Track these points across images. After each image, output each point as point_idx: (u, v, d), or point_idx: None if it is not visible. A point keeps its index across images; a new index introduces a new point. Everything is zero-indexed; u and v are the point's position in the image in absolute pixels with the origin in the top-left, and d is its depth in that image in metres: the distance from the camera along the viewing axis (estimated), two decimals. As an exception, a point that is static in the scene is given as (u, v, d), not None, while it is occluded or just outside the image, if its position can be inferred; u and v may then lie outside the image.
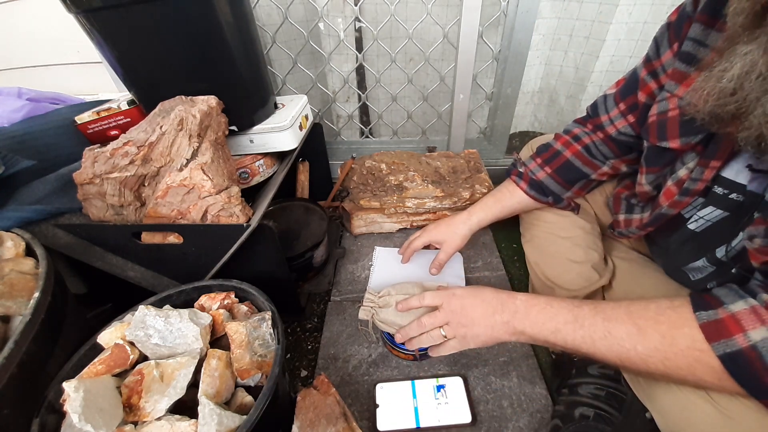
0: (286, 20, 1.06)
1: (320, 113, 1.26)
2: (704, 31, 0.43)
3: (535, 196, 0.71)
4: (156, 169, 0.63)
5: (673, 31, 0.49)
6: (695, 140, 0.46)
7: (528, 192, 0.71)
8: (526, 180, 0.72)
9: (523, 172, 0.73)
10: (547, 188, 0.70)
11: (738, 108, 0.34)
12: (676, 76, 0.47)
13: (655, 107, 0.51)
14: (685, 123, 0.46)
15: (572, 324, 0.45)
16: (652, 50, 0.53)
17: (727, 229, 0.46)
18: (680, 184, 0.49)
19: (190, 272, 0.67)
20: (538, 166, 0.71)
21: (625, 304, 0.43)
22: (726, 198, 0.45)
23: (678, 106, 0.47)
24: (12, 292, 0.48)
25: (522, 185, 0.72)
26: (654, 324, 0.39)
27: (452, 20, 1.03)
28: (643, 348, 0.39)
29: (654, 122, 0.50)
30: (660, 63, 0.52)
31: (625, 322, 0.41)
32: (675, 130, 0.47)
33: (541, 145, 0.74)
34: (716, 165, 0.44)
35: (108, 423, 0.43)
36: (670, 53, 0.50)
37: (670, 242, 0.57)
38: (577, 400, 0.61)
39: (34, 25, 1.13)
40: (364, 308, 0.72)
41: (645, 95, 0.55)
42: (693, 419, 0.43)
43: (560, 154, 0.69)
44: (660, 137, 0.50)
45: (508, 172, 0.76)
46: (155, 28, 0.60)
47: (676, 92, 0.47)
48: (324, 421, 0.57)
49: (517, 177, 0.73)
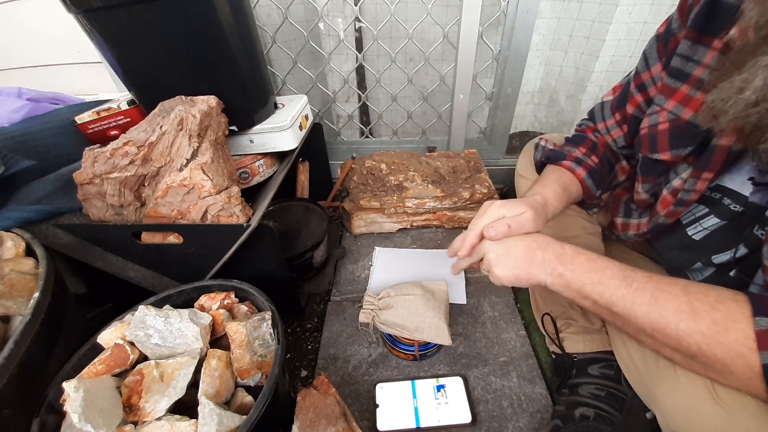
0: (286, 20, 1.06)
1: (320, 113, 1.26)
2: (692, 47, 0.44)
3: (590, 186, 0.62)
4: (156, 169, 0.63)
5: (661, 44, 0.51)
6: (685, 152, 0.47)
7: (585, 181, 0.61)
8: (586, 167, 0.61)
9: (579, 157, 0.62)
10: (600, 179, 0.62)
11: (760, 119, 0.34)
12: (665, 90, 0.48)
13: (647, 120, 0.52)
14: (675, 136, 0.47)
15: (618, 281, 0.43)
16: (641, 64, 0.55)
17: (724, 237, 0.47)
18: (675, 193, 0.50)
19: (190, 272, 0.67)
20: (584, 154, 0.63)
21: (684, 283, 0.40)
22: (726, 207, 0.46)
23: (667, 119, 0.48)
24: (12, 292, 0.48)
25: (580, 172, 0.61)
26: (710, 309, 0.37)
27: (452, 20, 1.03)
28: (687, 327, 0.38)
29: (645, 135, 0.52)
30: (649, 75, 0.53)
31: (679, 297, 0.39)
32: (665, 142, 0.49)
33: (574, 135, 0.68)
34: (708, 176, 0.45)
35: (108, 423, 0.43)
36: (659, 66, 0.51)
37: (668, 247, 0.57)
38: (578, 400, 0.61)
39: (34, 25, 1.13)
40: (365, 311, 0.72)
41: (633, 107, 0.57)
42: (696, 420, 0.42)
43: (597, 145, 0.63)
44: (651, 149, 0.51)
45: (549, 158, 0.65)
46: (155, 28, 0.60)
47: (666, 106, 0.48)
48: (324, 421, 0.57)
49: (574, 163, 0.62)
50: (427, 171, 1.06)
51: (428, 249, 1.01)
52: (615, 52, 1.31)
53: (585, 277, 0.45)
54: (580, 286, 0.45)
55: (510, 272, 0.49)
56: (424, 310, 0.69)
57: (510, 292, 0.88)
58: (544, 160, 0.66)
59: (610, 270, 0.44)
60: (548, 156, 0.65)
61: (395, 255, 0.99)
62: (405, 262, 0.97)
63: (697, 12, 0.43)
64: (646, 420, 0.56)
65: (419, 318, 0.68)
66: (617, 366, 0.62)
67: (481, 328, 0.80)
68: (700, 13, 0.43)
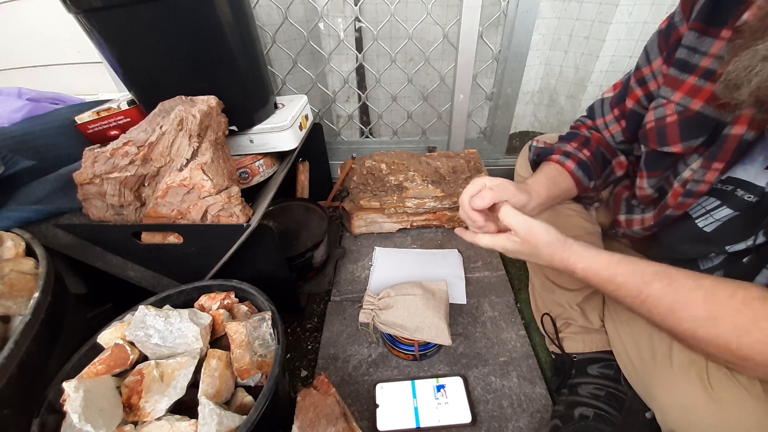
0: (286, 20, 1.06)
1: (320, 113, 1.26)
2: (698, 39, 0.44)
3: (581, 178, 0.62)
4: (156, 169, 0.63)
5: (663, 39, 0.51)
6: (696, 143, 0.47)
7: (574, 172, 0.62)
8: (575, 159, 0.62)
9: (569, 150, 0.63)
10: (592, 171, 0.63)
11: None
12: (670, 82, 0.48)
13: (652, 113, 0.52)
14: (685, 127, 0.47)
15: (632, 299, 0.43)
16: (642, 59, 0.55)
17: (738, 228, 0.46)
18: (685, 184, 0.50)
19: (190, 272, 0.67)
20: (575, 149, 0.63)
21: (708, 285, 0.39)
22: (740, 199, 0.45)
23: (675, 111, 0.48)
24: (12, 292, 0.48)
25: (569, 165, 0.62)
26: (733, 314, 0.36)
27: (452, 20, 1.03)
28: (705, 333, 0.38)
29: (653, 128, 0.51)
30: (650, 70, 0.53)
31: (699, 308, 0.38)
32: (675, 134, 0.48)
33: (567, 133, 0.68)
34: (719, 166, 0.45)
35: (108, 423, 0.43)
36: (660, 60, 0.51)
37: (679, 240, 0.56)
38: (577, 400, 0.61)
39: (34, 25, 1.13)
40: (365, 311, 0.72)
41: (632, 102, 0.57)
42: (695, 419, 0.43)
43: (590, 140, 0.64)
44: (661, 143, 0.50)
45: (539, 155, 0.66)
46: (155, 28, 0.60)
47: (673, 98, 0.48)
48: (324, 421, 0.57)
49: (562, 156, 0.62)
50: (427, 171, 1.06)
51: (428, 249, 1.01)
52: (615, 52, 1.31)
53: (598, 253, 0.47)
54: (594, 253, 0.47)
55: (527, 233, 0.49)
56: (424, 310, 0.69)
57: (510, 292, 0.89)
58: (535, 158, 0.68)
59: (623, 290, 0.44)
60: (538, 153, 0.67)
61: (395, 255, 0.99)
62: (405, 262, 0.97)
63: (703, 3, 0.43)
64: (645, 420, 0.56)
65: (419, 318, 0.68)
66: (617, 366, 0.62)
67: (481, 328, 0.80)
68: (706, 4, 0.43)
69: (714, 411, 0.41)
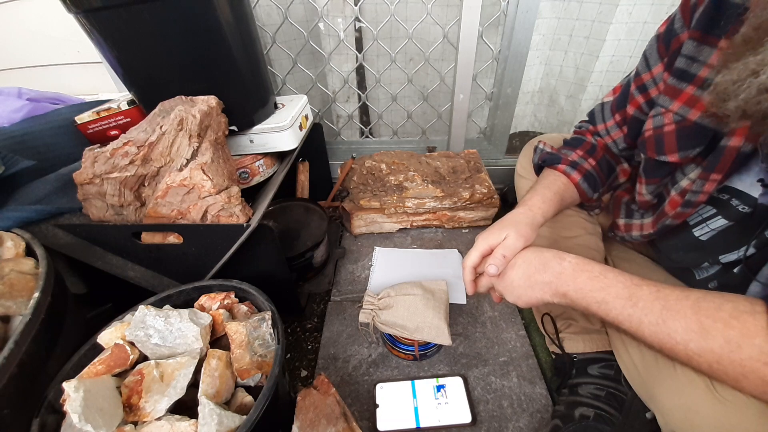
0: (286, 20, 1.06)
1: (320, 113, 1.26)
2: (697, 48, 0.44)
3: (585, 190, 0.62)
4: (156, 169, 0.63)
5: (662, 44, 0.50)
6: (693, 153, 0.47)
7: (580, 185, 0.61)
8: (581, 171, 0.61)
9: (575, 160, 0.62)
10: (597, 183, 0.62)
11: None
12: (669, 92, 0.48)
13: (650, 122, 0.51)
14: (683, 137, 0.47)
15: (624, 300, 0.41)
16: (641, 64, 0.54)
17: (731, 238, 0.47)
18: (683, 194, 0.50)
19: (190, 272, 0.67)
20: (581, 157, 0.62)
21: (695, 298, 0.38)
22: (734, 209, 0.46)
23: (673, 121, 0.48)
24: (12, 292, 0.48)
25: (575, 177, 0.61)
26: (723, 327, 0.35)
27: (452, 20, 1.03)
28: (697, 347, 0.36)
29: (651, 137, 0.51)
30: (650, 75, 0.53)
31: (688, 317, 0.37)
32: (673, 144, 0.48)
33: (572, 138, 0.67)
34: (717, 178, 0.45)
35: (108, 423, 0.43)
36: (660, 66, 0.51)
37: (674, 248, 0.57)
38: (577, 400, 0.61)
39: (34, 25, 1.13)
40: (365, 311, 0.72)
41: (633, 108, 0.56)
42: (698, 420, 0.42)
43: (596, 147, 0.63)
44: (658, 151, 0.50)
45: (545, 162, 0.65)
46: (155, 28, 0.60)
47: (671, 108, 0.48)
48: (324, 421, 0.57)
49: (569, 167, 0.62)
50: (427, 171, 1.06)
51: (428, 249, 1.01)
52: (615, 52, 1.31)
53: (589, 297, 0.44)
54: (585, 306, 0.45)
55: (519, 300, 0.51)
56: (424, 310, 0.69)
57: (510, 292, 0.88)
58: (540, 163, 0.67)
59: (614, 289, 0.43)
60: (544, 159, 0.65)
61: (395, 255, 0.99)
62: (405, 262, 0.97)
63: (702, 11, 0.43)
64: (646, 420, 0.56)
65: (419, 318, 0.68)
66: (617, 366, 0.62)
67: (481, 328, 0.80)
68: (705, 13, 0.42)
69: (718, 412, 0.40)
